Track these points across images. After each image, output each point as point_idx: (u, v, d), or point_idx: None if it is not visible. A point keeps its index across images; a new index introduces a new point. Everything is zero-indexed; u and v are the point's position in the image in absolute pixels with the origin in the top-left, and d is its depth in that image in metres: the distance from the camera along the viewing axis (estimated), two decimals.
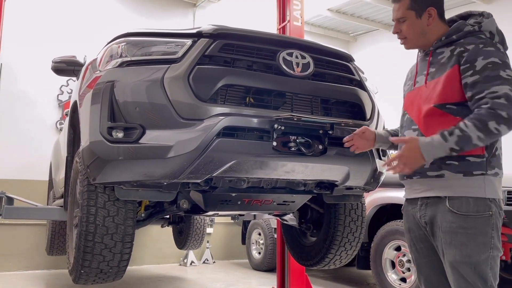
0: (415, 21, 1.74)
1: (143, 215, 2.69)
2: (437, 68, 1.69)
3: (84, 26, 6.44)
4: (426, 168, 1.66)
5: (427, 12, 1.72)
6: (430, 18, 1.73)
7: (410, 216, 1.79)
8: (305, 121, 2.13)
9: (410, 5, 1.73)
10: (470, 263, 1.55)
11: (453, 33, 1.69)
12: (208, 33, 2.19)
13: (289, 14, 4.29)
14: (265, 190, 2.47)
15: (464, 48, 1.62)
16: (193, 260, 6.68)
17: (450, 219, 1.60)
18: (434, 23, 1.73)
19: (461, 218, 1.58)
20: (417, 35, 1.75)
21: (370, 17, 8.52)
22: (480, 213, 1.56)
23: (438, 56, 1.71)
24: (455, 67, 1.62)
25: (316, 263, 3.11)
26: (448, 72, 1.63)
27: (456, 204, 1.60)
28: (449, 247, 1.59)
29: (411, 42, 1.79)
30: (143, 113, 2.03)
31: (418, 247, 1.78)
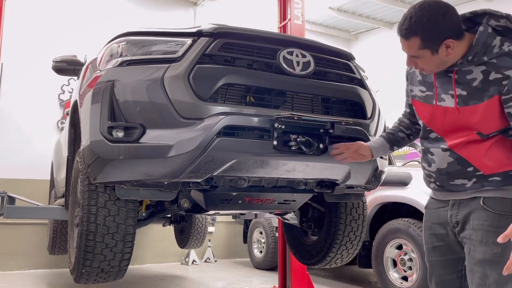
0: (432, 57, 1.54)
1: (144, 214, 2.70)
2: (469, 92, 1.54)
3: (84, 24, 6.45)
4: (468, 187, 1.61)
5: (444, 45, 1.50)
6: (448, 49, 1.51)
7: (435, 214, 1.74)
8: (305, 120, 2.12)
9: (423, 45, 1.52)
10: (499, 262, 1.49)
11: (482, 53, 1.51)
12: (208, 32, 2.18)
13: (290, 12, 4.29)
14: (266, 189, 2.47)
15: (503, 75, 1.47)
16: (195, 259, 6.69)
17: (483, 217, 1.56)
18: (456, 48, 1.52)
19: (495, 217, 1.54)
20: (437, 66, 1.58)
21: (371, 15, 8.50)
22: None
23: (466, 75, 1.55)
24: (495, 98, 1.49)
25: (317, 261, 3.11)
26: (487, 103, 1.51)
27: (491, 202, 1.57)
28: (479, 245, 1.55)
29: (430, 71, 1.64)
30: (143, 112, 2.03)
31: (436, 245, 1.74)
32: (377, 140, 2.04)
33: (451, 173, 1.64)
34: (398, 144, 2.01)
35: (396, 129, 2.01)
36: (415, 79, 1.77)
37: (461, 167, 1.61)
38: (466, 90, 1.56)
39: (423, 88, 1.73)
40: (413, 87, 1.78)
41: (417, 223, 3.87)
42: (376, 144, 2.02)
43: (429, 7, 1.49)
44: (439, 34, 1.49)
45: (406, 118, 2.00)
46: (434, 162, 1.68)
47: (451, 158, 1.63)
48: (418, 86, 1.75)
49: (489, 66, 1.51)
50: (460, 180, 1.62)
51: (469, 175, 1.60)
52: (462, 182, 1.62)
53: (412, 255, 3.92)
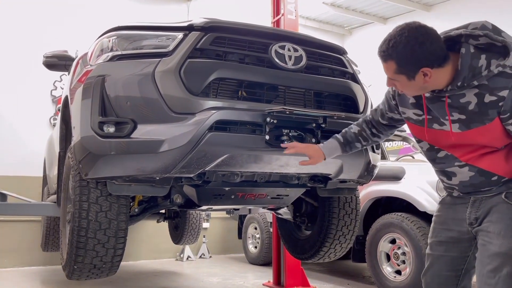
0: (409, 83, 1.52)
1: (136, 210, 2.69)
2: (468, 116, 1.52)
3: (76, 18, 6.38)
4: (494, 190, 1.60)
5: (421, 73, 1.46)
6: (426, 77, 1.47)
7: (451, 209, 1.72)
8: (297, 114, 2.12)
9: (398, 70, 1.49)
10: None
11: (470, 76, 1.46)
12: (199, 26, 2.17)
13: (283, 7, 4.27)
14: (259, 184, 2.47)
15: (497, 97, 1.44)
16: (190, 255, 6.68)
17: (504, 210, 1.55)
18: (435, 75, 1.48)
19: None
20: (416, 91, 1.57)
21: (365, 10, 8.49)
22: None
23: (459, 99, 1.51)
24: (496, 120, 1.48)
25: (311, 256, 3.12)
26: (489, 126, 1.50)
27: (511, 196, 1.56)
28: (496, 238, 1.53)
29: (411, 94, 1.63)
30: (134, 107, 2.01)
31: (445, 241, 1.72)
32: (331, 145, 1.99)
33: (476, 184, 1.62)
34: (350, 151, 2.01)
35: (355, 138, 1.97)
36: (407, 101, 1.71)
37: (485, 178, 1.59)
38: (465, 114, 1.52)
39: (418, 112, 1.67)
40: (406, 109, 1.72)
41: (410, 217, 3.89)
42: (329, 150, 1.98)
43: (408, 33, 1.44)
44: (415, 63, 1.45)
45: (369, 127, 1.96)
46: (455, 176, 1.65)
47: (472, 172, 1.61)
48: (412, 109, 1.69)
49: (482, 88, 1.47)
50: (487, 187, 1.61)
51: (495, 183, 1.59)
52: (488, 188, 1.61)
53: (405, 249, 3.94)
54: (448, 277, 1.71)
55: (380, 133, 1.95)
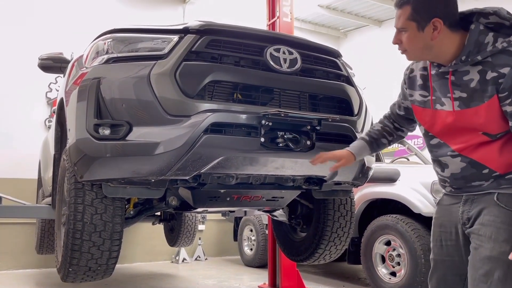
0: (417, 34, 1.52)
1: (132, 212, 2.69)
2: (469, 95, 1.51)
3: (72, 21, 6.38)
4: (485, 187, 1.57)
5: (432, 24, 1.49)
6: (435, 31, 1.49)
7: (447, 211, 1.70)
8: (292, 117, 2.13)
9: (411, 16, 1.51)
10: (505, 261, 1.47)
11: (475, 51, 1.48)
12: (195, 29, 2.18)
13: (278, 10, 4.29)
14: (254, 186, 2.47)
15: (498, 73, 1.44)
16: (185, 257, 6.67)
17: (495, 213, 1.52)
18: (442, 36, 1.50)
19: (508, 214, 1.50)
20: (420, 49, 1.55)
21: (360, 13, 8.54)
22: None
23: (463, 76, 1.52)
24: (494, 98, 1.47)
25: (306, 258, 3.13)
26: (488, 103, 1.48)
27: (505, 198, 1.52)
28: (487, 241, 1.51)
29: (413, 55, 1.61)
30: (129, 110, 2.02)
31: (444, 244, 1.70)
32: (358, 145, 1.96)
33: (467, 177, 1.60)
34: (378, 149, 1.97)
35: (380, 134, 1.95)
36: (416, 83, 1.71)
37: (476, 170, 1.57)
38: (466, 92, 1.52)
39: (424, 93, 1.67)
40: (413, 91, 1.72)
41: (405, 219, 3.91)
42: (358, 150, 1.94)
43: None
44: (430, 9, 1.49)
45: (390, 122, 1.95)
46: (447, 167, 1.64)
47: (464, 163, 1.59)
48: (418, 90, 1.69)
49: (485, 65, 1.48)
50: (477, 181, 1.58)
51: (485, 177, 1.56)
52: (479, 183, 1.58)
53: (400, 251, 3.96)
54: (454, 281, 1.68)
55: (402, 127, 1.92)
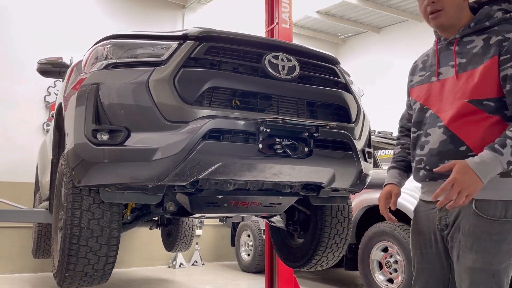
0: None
1: (129, 217, 2.68)
2: (468, 59, 1.54)
3: (71, 26, 6.40)
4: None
5: None
6: None
7: (424, 218, 1.68)
8: (290, 124, 2.14)
9: None
10: (489, 270, 1.46)
11: (485, 20, 1.55)
12: (194, 35, 2.19)
13: (277, 16, 4.31)
14: (252, 192, 2.47)
15: (503, 37, 1.47)
16: (182, 262, 6.65)
17: (474, 222, 1.48)
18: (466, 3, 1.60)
19: (487, 223, 1.47)
20: (455, 7, 1.59)
21: (359, 19, 8.58)
22: (509, 219, 1.46)
23: (467, 45, 1.57)
24: (494, 58, 1.48)
25: (303, 264, 3.12)
26: (486, 64, 1.49)
27: (483, 206, 1.48)
28: (469, 252, 1.49)
29: (446, 15, 1.60)
30: (128, 115, 2.02)
31: (424, 252, 1.68)
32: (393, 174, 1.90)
33: (442, 153, 1.56)
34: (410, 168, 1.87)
35: (404, 153, 1.90)
36: (417, 68, 1.83)
37: (453, 146, 1.54)
38: (466, 58, 1.56)
39: (423, 72, 1.76)
40: (414, 77, 1.83)
41: (403, 225, 3.91)
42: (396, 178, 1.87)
43: None
44: None
45: (405, 135, 1.92)
46: (428, 143, 1.62)
47: (445, 135, 1.57)
48: (418, 73, 1.79)
49: (491, 33, 1.53)
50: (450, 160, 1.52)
51: (460, 155, 1.51)
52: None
53: (397, 258, 3.96)
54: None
55: None
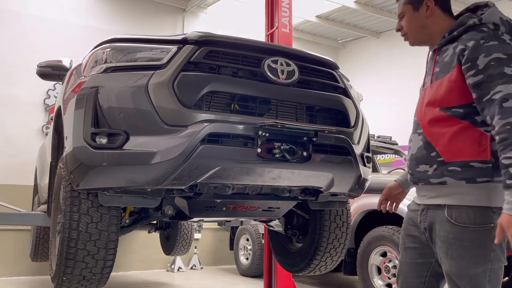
0: (413, 14, 1.71)
1: (127, 221, 2.68)
2: (441, 68, 1.62)
3: (72, 29, 6.41)
4: (429, 175, 1.59)
5: (425, 4, 1.68)
6: (428, 10, 1.68)
7: (411, 216, 1.76)
8: (289, 128, 2.14)
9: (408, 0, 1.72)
10: (466, 275, 1.49)
11: (455, 28, 1.61)
12: (193, 39, 2.19)
13: (277, 20, 4.32)
14: (250, 196, 2.47)
15: (465, 46, 1.52)
16: (181, 266, 6.64)
17: (447, 229, 1.54)
18: (435, 15, 1.68)
19: (459, 229, 1.51)
20: (417, 28, 1.71)
21: (358, 24, 8.61)
22: (480, 225, 1.48)
23: (444, 54, 1.63)
24: (457, 67, 1.54)
25: (301, 269, 3.12)
26: (451, 73, 1.56)
27: (454, 213, 1.53)
28: (445, 258, 1.55)
29: (412, 36, 1.74)
30: (127, 119, 2.02)
31: (407, 247, 1.74)
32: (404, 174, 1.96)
33: (418, 158, 1.64)
34: None
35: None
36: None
37: (426, 152, 1.60)
38: (440, 67, 1.63)
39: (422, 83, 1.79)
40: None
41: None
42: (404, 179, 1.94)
43: None
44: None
45: None
46: (410, 149, 1.70)
47: (421, 142, 1.64)
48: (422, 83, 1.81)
49: (459, 41, 1.58)
50: (423, 165, 1.61)
51: (431, 161, 1.58)
52: (424, 169, 1.61)
53: (396, 262, 3.95)
54: (414, 283, 1.71)
55: None
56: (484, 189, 1.50)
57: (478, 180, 1.50)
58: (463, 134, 1.54)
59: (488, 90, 1.44)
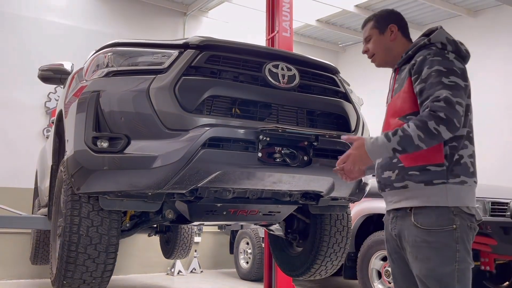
0: (379, 37, 1.88)
1: (128, 225, 2.67)
2: (399, 84, 1.79)
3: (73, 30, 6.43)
4: (393, 180, 1.70)
5: (389, 29, 1.87)
6: (392, 34, 1.87)
7: (387, 226, 1.84)
8: (290, 133, 2.15)
9: (374, 25, 1.91)
10: (435, 276, 1.57)
11: (411, 49, 1.79)
12: (194, 44, 2.20)
13: (278, 25, 4.33)
14: (251, 200, 2.48)
15: (415, 61, 1.70)
16: (181, 270, 6.62)
17: (415, 233, 1.62)
18: (398, 39, 1.87)
19: (425, 232, 1.60)
20: (382, 50, 1.88)
21: (358, 28, 8.61)
22: (443, 227, 1.58)
23: (402, 72, 1.80)
24: (408, 79, 1.71)
25: (302, 273, 3.11)
26: (404, 86, 1.72)
27: (419, 218, 1.62)
28: (415, 261, 1.63)
29: (378, 57, 1.90)
30: (128, 123, 2.03)
31: (393, 257, 1.81)
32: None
33: (383, 165, 1.75)
34: None
35: None
36: None
37: (389, 159, 1.72)
38: (398, 83, 1.80)
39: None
40: None
41: None
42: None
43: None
44: (387, 19, 1.90)
45: None
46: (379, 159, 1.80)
47: None
48: None
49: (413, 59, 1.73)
50: (387, 172, 1.73)
51: (393, 167, 1.70)
52: (388, 175, 1.72)
53: None
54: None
55: None
56: (440, 190, 1.61)
57: (434, 182, 1.61)
58: None
59: (427, 95, 1.60)
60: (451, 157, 1.62)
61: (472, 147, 1.68)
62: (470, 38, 7.35)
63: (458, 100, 1.55)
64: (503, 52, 6.91)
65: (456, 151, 1.63)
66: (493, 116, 6.64)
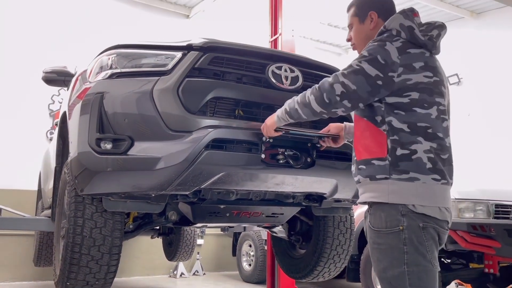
0: (359, 26, 1.82)
1: (131, 226, 2.68)
2: None
3: (76, 34, 6.46)
4: (353, 174, 1.72)
5: (369, 16, 1.78)
6: (372, 22, 1.78)
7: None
8: (293, 134, 2.14)
9: (355, 12, 1.84)
10: (386, 278, 1.56)
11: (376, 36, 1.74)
12: (198, 46, 2.21)
13: (281, 27, 4.34)
14: (254, 202, 2.48)
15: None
16: (183, 272, 6.62)
17: (370, 234, 1.63)
18: (378, 27, 1.75)
19: (375, 234, 1.59)
20: (362, 39, 1.80)
21: None
22: (391, 229, 1.54)
23: None
24: None
25: (305, 275, 3.11)
26: None
27: (372, 220, 1.61)
28: (372, 262, 1.64)
29: (359, 46, 1.83)
30: (132, 124, 2.04)
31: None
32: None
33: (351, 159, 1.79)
34: None
35: None
36: None
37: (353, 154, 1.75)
38: None
39: None
40: None
41: None
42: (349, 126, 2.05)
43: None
44: (367, 5, 1.80)
45: None
46: None
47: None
48: None
49: None
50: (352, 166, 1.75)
51: (353, 160, 1.73)
52: (352, 168, 1.74)
53: None
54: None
55: None
56: (382, 185, 1.56)
57: (377, 177, 1.58)
58: (366, 132, 1.65)
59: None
60: (393, 151, 1.54)
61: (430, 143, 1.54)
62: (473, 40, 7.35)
63: (345, 81, 1.56)
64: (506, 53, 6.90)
65: (398, 145, 1.54)
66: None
